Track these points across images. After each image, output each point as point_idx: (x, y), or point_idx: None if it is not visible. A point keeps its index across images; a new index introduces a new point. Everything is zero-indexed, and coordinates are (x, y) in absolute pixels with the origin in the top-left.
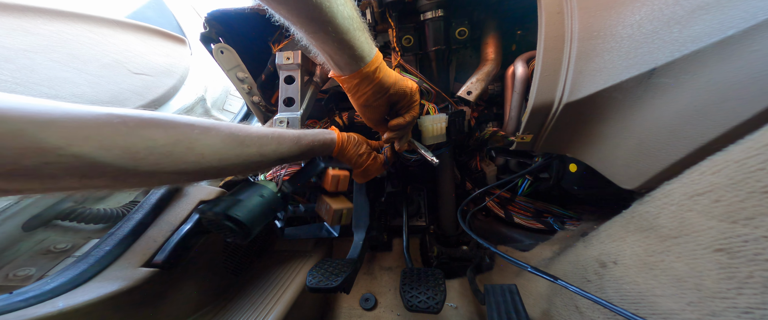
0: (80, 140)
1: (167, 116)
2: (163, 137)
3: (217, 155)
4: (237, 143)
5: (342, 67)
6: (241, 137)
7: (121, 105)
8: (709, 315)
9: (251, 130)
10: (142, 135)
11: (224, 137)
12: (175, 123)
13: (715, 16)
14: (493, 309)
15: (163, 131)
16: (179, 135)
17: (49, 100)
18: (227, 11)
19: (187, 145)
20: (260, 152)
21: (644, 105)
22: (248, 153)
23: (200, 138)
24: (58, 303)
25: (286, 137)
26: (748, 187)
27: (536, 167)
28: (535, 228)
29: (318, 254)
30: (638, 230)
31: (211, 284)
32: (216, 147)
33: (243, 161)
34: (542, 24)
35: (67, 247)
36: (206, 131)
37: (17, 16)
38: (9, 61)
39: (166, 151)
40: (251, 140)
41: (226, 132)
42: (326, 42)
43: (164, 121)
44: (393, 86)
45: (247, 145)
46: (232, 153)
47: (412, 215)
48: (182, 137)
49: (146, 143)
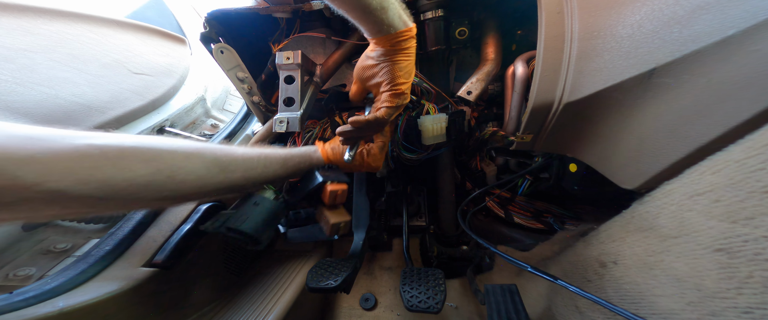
0: (57, 176)
1: (148, 142)
2: (142, 169)
3: (198, 182)
4: (220, 169)
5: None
6: (224, 162)
7: (121, 105)
8: (709, 315)
9: (236, 153)
10: (121, 167)
11: (207, 163)
12: (156, 151)
13: (716, 16)
14: (493, 309)
15: (142, 163)
16: (159, 165)
17: (33, 126)
18: (227, 11)
19: (168, 174)
20: (245, 176)
21: (644, 105)
22: (232, 178)
23: (182, 166)
24: (58, 303)
25: (272, 159)
26: (748, 187)
27: (536, 167)
28: (535, 228)
29: (318, 254)
30: (638, 230)
31: (211, 284)
32: (198, 174)
33: (227, 185)
34: (542, 24)
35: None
36: (188, 157)
37: (17, 16)
38: (9, 61)
39: (145, 182)
40: (236, 164)
41: (210, 158)
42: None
43: (145, 150)
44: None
45: (231, 170)
46: (215, 180)
47: (412, 215)
48: (163, 166)
49: (125, 175)
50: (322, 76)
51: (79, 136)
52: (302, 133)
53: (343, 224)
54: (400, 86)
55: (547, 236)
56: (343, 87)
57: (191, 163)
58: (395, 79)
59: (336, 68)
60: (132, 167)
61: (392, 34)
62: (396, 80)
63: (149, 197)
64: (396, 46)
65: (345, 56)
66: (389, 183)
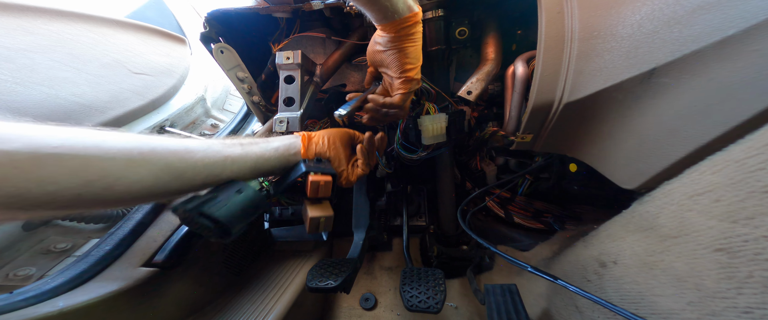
0: None
1: (78, 146)
2: (67, 181)
3: (145, 191)
4: (172, 177)
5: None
6: (178, 169)
7: (121, 105)
8: (709, 315)
9: (195, 158)
10: (38, 179)
11: (156, 171)
12: (84, 160)
13: (716, 16)
14: (493, 309)
15: (67, 174)
16: (90, 176)
17: None
18: (227, 11)
19: (102, 186)
20: (207, 183)
21: (644, 105)
22: (192, 184)
23: (122, 175)
24: (58, 303)
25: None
26: (748, 187)
27: (536, 167)
28: (535, 228)
29: (318, 254)
30: (638, 230)
31: (211, 283)
32: (144, 184)
33: (184, 191)
34: (542, 24)
35: (67, 247)
36: (130, 165)
37: (17, 16)
38: (9, 61)
39: (72, 195)
40: (194, 171)
41: (160, 166)
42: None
43: (69, 158)
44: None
45: (187, 178)
46: (167, 187)
47: (412, 215)
48: (95, 178)
49: (45, 188)
50: (322, 76)
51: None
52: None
53: (324, 220)
54: (409, 73)
55: (547, 237)
56: (343, 87)
57: (134, 172)
58: (403, 65)
59: (336, 68)
60: (53, 179)
61: (397, 21)
62: (404, 66)
63: (87, 205)
64: (401, 33)
65: (345, 56)
66: (389, 183)
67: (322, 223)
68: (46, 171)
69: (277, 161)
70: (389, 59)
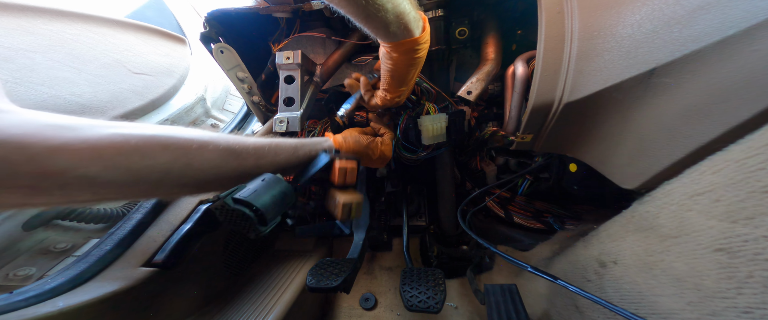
0: (86, 162)
1: (167, 132)
2: (162, 156)
3: (214, 170)
4: (233, 156)
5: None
6: (237, 150)
7: (121, 105)
8: (709, 315)
9: (248, 142)
10: (143, 154)
11: (221, 151)
12: (174, 140)
13: (716, 16)
14: (493, 308)
15: (161, 150)
16: (177, 153)
17: (61, 116)
18: (227, 11)
19: (185, 162)
20: (257, 164)
21: (644, 105)
22: (245, 165)
23: (198, 154)
24: (58, 303)
25: (283, 147)
26: (748, 187)
27: (536, 167)
28: (535, 228)
29: (318, 254)
30: (638, 230)
31: (211, 284)
32: (213, 162)
33: (240, 173)
34: (542, 24)
35: (67, 247)
36: (203, 146)
37: (17, 16)
38: (9, 61)
39: (165, 168)
40: (248, 152)
41: (224, 146)
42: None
43: (164, 138)
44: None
45: (243, 158)
46: (229, 166)
47: (412, 215)
48: (180, 155)
49: (146, 162)
50: (322, 76)
51: (104, 125)
52: (303, 133)
53: (356, 205)
54: (387, 94)
55: (547, 236)
56: (343, 87)
57: (207, 151)
58: (386, 84)
59: (336, 68)
60: (153, 154)
61: (394, 43)
62: (386, 85)
63: (171, 183)
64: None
65: (345, 56)
66: (389, 183)
67: (354, 208)
68: (147, 148)
69: (312, 145)
70: (382, 70)
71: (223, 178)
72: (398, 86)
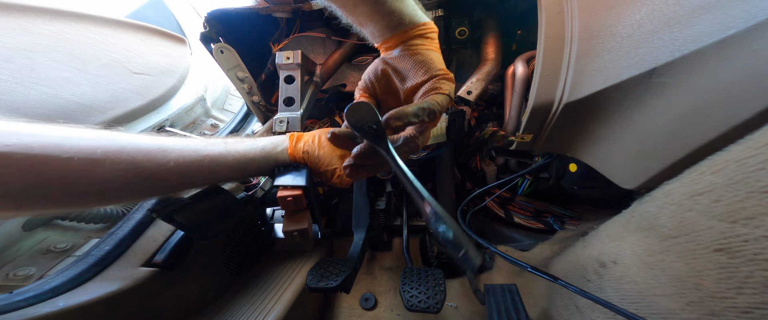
0: None
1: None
2: (19, 182)
3: (113, 191)
4: (141, 178)
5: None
6: (148, 171)
7: (121, 105)
8: (708, 315)
9: (169, 158)
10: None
11: (120, 171)
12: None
13: (716, 16)
14: (493, 309)
15: (20, 175)
16: (44, 177)
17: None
18: (227, 11)
19: (58, 186)
20: (180, 184)
21: (644, 105)
22: (161, 186)
23: (82, 176)
24: (58, 303)
25: (223, 163)
26: (748, 187)
27: (536, 167)
28: (535, 228)
29: (318, 254)
30: (638, 230)
31: (211, 284)
32: (108, 184)
33: (154, 194)
34: (542, 24)
35: (67, 247)
36: (92, 165)
37: (17, 16)
38: (9, 61)
39: (25, 196)
40: (165, 172)
41: (125, 165)
42: None
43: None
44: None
45: (158, 178)
46: (134, 188)
47: (412, 215)
48: (52, 177)
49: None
50: (322, 76)
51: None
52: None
53: (297, 234)
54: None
55: (547, 236)
56: (343, 87)
57: (97, 172)
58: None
59: (336, 68)
60: (4, 179)
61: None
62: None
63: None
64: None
65: (345, 56)
66: (389, 183)
67: (297, 237)
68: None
69: (263, 160)
70: (409, 64)
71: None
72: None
